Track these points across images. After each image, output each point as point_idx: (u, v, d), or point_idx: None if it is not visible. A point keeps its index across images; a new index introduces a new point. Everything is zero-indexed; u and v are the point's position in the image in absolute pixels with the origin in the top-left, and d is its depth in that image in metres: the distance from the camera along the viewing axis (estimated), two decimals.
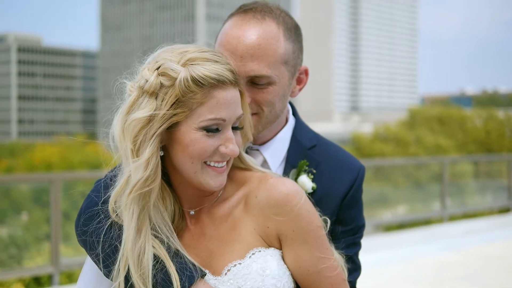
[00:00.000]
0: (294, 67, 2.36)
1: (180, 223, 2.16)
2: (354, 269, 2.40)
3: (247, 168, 2.20)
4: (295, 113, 2.56)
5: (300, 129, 2.50)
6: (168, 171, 2.12)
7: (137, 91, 2.02)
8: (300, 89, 2.45)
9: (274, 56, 2.25)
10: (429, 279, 9.08)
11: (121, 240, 2.03)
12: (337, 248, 2.28)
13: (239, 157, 2.21)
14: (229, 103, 2.01)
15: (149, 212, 2.03)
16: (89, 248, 2.12)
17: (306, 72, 2.44)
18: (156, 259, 2.01)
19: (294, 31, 2.35)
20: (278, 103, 2.32)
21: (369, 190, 15.63)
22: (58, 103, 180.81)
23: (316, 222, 2.09)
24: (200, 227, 2.15)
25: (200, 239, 2.13)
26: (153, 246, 2.02)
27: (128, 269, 2.00)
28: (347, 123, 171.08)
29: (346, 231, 2.39)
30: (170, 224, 2.09)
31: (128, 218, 2.00)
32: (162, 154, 2.04)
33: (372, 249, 10.74)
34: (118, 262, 2.02)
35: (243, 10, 2.34)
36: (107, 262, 2.07)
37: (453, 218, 15.21)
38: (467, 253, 10.77)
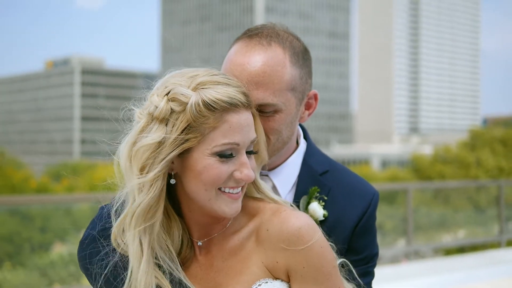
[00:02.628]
0: (302, 93, 2.26)
1: (188, 253, 2.07)
2: None
3: (260, 199, 2.10)
4: (306, 137, 2.46)
5: (312, 154, 2.40)
6: (179, 200, 2.05)
7: (146, 118, 1.93)
8: (309, 114, 2.35)
9: (279, 83, 2.16)
10: None
11: (117, 269, 2.00)
12: (348, 279, 2.15)
13: (254, 183, 2.10)
14: (242, 126, 1.92)
15: (153, 243, 1.96)
16: (89, 275, 2.07)
17: (315, 96, 2.35)
18: None
19: (301, 56, 2.26)
20: (285, 131, 2.23)
21: (429, 213, 15.44)
22: (119, 123, 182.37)
23: (329, 259, 1.96)
24: (209, 258, 2.06)
25: (207, 270, 2.04)
26: (156, 277, 1.95)
27: None
28: (407, 144, 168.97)
29: (358, 260, 2.27)
30: (174, 254, 2.02)
31: (132, 249, 1.94)
32: (174, 182, 1.97)
33: (429, 273, 10.65)
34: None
35: (248, 35, 2.25)
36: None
37: None
38: None
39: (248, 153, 1.99)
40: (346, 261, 2.17)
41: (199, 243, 2.07)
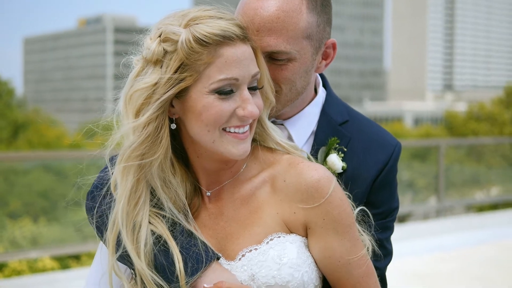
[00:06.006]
0: (319, 42, 2.12)
1: (196, 201, 1.99)
2: (384, 254, 2.18)
3: (275, 149, 2.01)
4: (326, 85, 2.32)
5: (331, 103, 2.27)
6: (185, 146, 1.96)
7: (141, 63, 1.87)
8: (326, 64, 2.21)
9: (294, 30, 2.02)
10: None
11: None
12: (366, 232, 2.06)
13: (262, 125, 2.00)
14: (239, 60, 1.82)
15: (148, 185, 1.89)
16: (93, 226, 2.03)
17: (333, 46, 2.20)
18: (158, 238, 1.87)
19: (320, 2, 2.11)
20: (299, 81, 2.10)
21: (462, 170, 15.37)
22: None
23: (348, 211, 1.92)
24: (219, 206, 1.98)
25: (217, 219, 1.97)
26: (151, 223, 1.87)
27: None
28: (440, 102, 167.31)
29: (377, 214, 2.15)
30: (185, 202, 1.94)
31: (121, 189, 1.87)
32: (174, 127, 1.89)
33: (460, 229, 10.64)
34: (106, 233, 1.94)
35: None
36: (103, 233, 1.99)
37: None
38: None
39: (252, 89, 1.89)
40: (365, 210, 2.10)
41: (208, 193, 1.99)
